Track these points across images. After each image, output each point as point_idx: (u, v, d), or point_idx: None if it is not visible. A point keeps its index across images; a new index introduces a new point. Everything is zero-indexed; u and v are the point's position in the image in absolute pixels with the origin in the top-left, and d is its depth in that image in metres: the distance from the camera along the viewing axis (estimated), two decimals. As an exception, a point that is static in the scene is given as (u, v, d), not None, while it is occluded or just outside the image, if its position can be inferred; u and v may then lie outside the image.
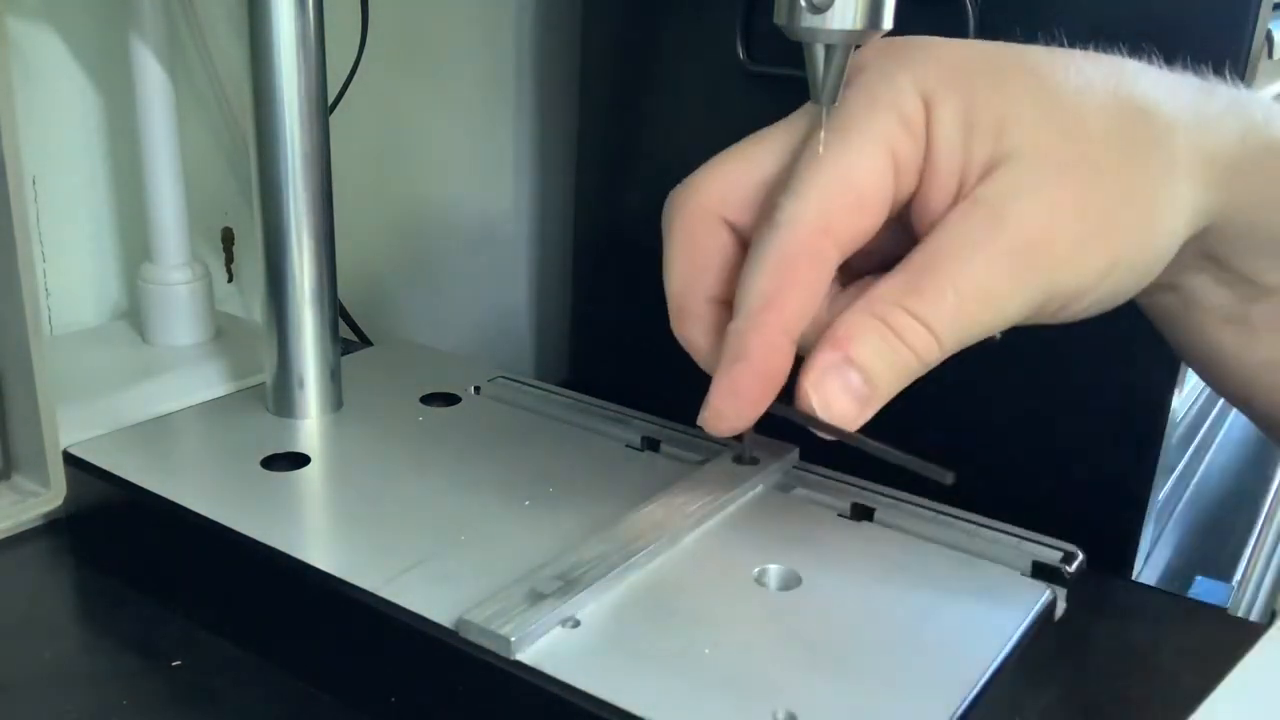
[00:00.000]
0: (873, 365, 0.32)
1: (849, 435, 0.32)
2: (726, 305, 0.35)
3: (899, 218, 0.34)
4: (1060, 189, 0.32)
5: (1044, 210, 0.32)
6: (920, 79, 0.33)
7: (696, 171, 0.37)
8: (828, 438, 0.33)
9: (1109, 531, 0.45)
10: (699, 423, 0.34)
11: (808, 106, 0.35)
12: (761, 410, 0.33)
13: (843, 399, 0.32)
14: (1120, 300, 0.34)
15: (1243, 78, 0.41)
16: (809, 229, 0.33)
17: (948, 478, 0.33)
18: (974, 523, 0.38)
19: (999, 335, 0.34)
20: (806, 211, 0.33)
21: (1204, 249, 0.36)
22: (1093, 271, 0.32)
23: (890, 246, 0.35)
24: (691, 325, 0.36)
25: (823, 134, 0.33)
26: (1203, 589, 0.53)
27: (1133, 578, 0.47)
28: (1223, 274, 0.37)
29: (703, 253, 0.36)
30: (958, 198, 0.33)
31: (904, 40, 0.34)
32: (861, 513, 0.39)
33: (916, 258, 0.33)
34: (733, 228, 0.36)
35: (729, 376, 0.33)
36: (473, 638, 0.32)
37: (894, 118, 0.33)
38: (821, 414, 0.32)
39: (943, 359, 0.33)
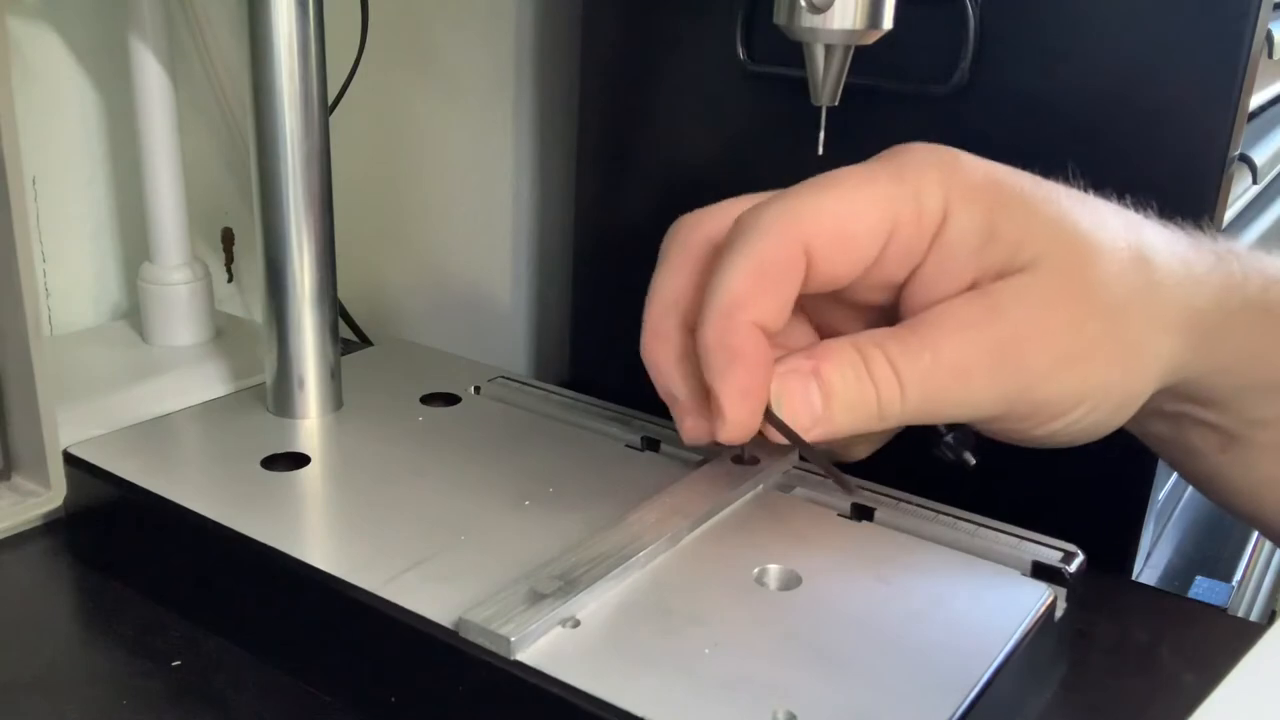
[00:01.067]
0: (835, 388, 0.33)
1: (787, 433, 0.33)
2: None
3: (879, 309, 0.36)
4: (1060, 308, 0.33)
5: (1039, 319, 0.33)
6: (948, 186, 0.34)
7: (710, 206, 0.37)
8: (773, 437, 0.34)
9: (1109, 531, 0.45)
10: (717, 438, 0.34)
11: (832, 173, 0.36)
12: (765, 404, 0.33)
13: (798, 402, 0.33)
14: (1099, 433, 0.35)
15: (1243, 77, 0.40)
16: (793, 241, 0.33)
17: (851, 489, 0.36)
18: (974, 523, 0.38)
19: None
20: (796, 224, 0.33)
21: (1187, 394, 0.37)
22: (1069, 392, 0.33)
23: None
24: (661, 348, 0.36)
25: (821, 134, 0.33)
26: (1203, 589, 0.53)
27: (1133, 578, 0.47)
28: (1210, 411, 0.38)
29: (692, 280, 0.36)
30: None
31: (945, 148, 0.35)
32: (861, 513, 0.39)
33: (911, 320, 0.34)
34: None
35: (731, 380, 0.33)
36: (473, 638, 0.32)
37: (911, 205, 0.33)
38: (773, 406, 0.33)
39: (900, 422, 0.33)
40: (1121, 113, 0.43)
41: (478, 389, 0.49)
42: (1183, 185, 0.42)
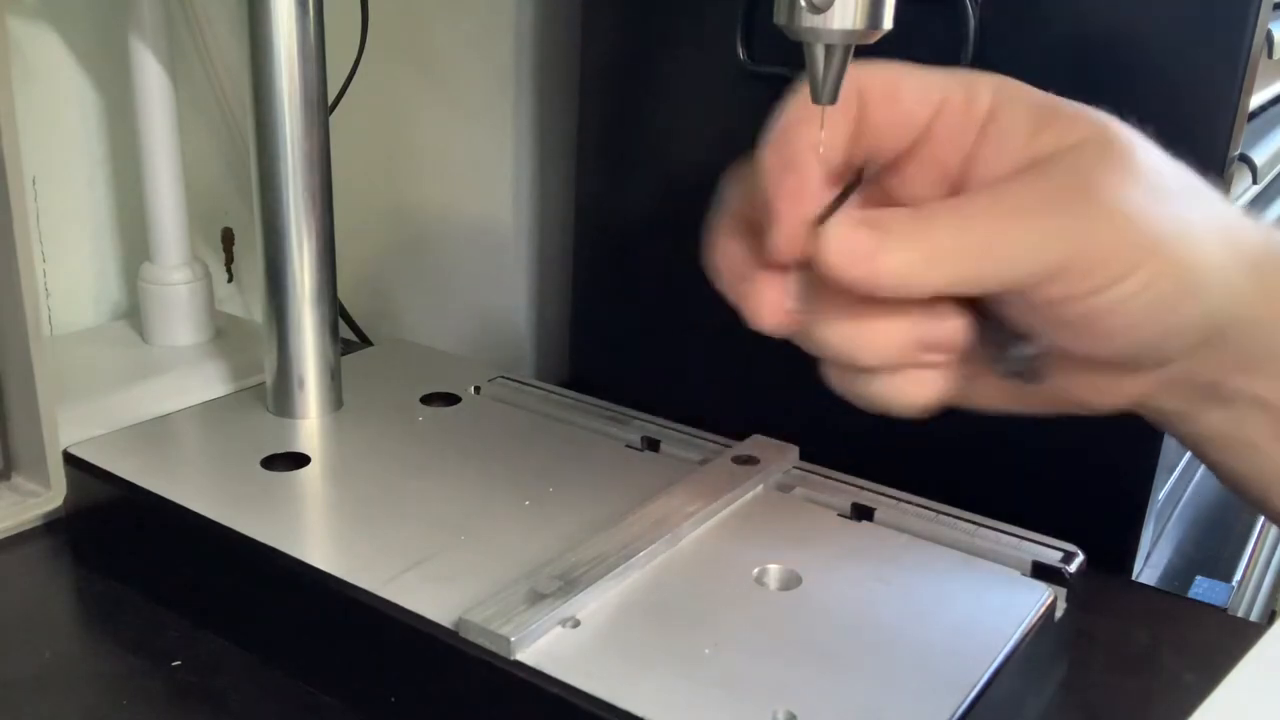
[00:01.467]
0: (890, 224, 0.31)
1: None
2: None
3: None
4: (1116, 167, 0.32)
5: (1097, 170, 0.32)
6: (998, 86, 0.34)
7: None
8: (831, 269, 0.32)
9: (1109, 531, 0.45)
10: (771, 253, 0.34)
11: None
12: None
13: (846, 232, 0.31)
14: (1159, 324, 0.33)
15: (1243, 77, 0.40)
16: (847, 80, 0.33)
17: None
18: (974, 523, 0.38)
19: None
20: (852, 71, 0.33)
21: (1244, 354, 0.36)
22: (1131, 240, 0.32)
23: None
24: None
25: (821, 134, 0.33)
26: (1203, 589, 0.53)
27: (1133, 578, 0.47)
28: (1269, 382, 0.36)
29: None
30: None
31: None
32: (861, 513, 0.39)
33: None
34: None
35: (786, 185, 0.34)
36: (473, 638, 0.32)
37: (961, 91, 0.34)
38: (830, 249, 0.31)
39: (958, 270, 0.32)
40: (1121, 113, 0.43)
41: (478, 389, 0.49)
42: (1183, 185, 0.42)
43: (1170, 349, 0.35)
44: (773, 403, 0.47)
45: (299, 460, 0.43)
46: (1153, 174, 0.33)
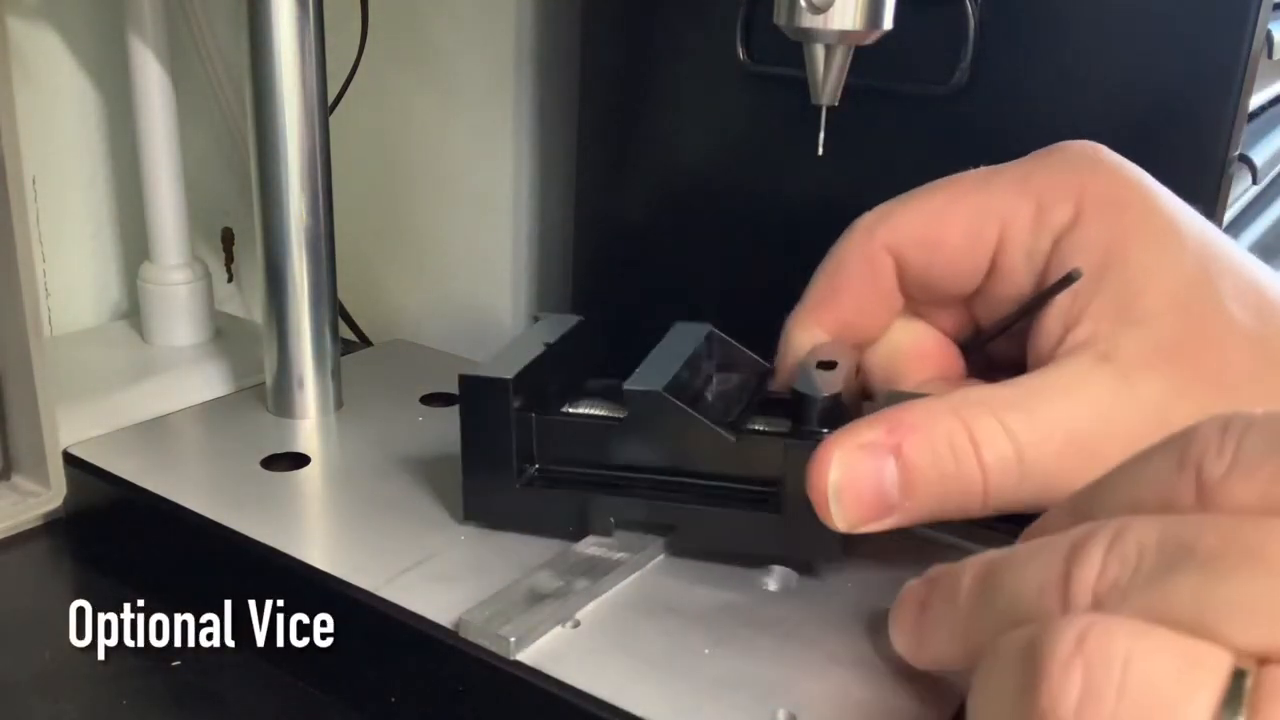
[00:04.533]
0: (920, 469, 0.27)
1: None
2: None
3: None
4: (1192, 394, 0.28)
5: (1166, 393, 0.28)
6: (1081, 191, 0.31)
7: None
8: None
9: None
10: None
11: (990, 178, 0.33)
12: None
13: (865, 487, 0.28)
14: None
15: (1243, 78, 0.40)
16: (870, 244, 0.32)
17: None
18: (974, 523, 0.38)
19: None
20: (878, 227, 0.32)
21: None
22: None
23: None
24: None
25: (821, 134, 0.33)
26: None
27: (1133, 578, 0.47)
28: None
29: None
30: (1071, 321, 0.30)
31: (1093, 147, 0.33)
32: (861, 513, 0.39)
33: (1023, 379, 0.29)
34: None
35: (779, 366, 0.35)
36: (473, 638, 0.32)
37: (1027, 208, 0.31)
38: (830, 496, 0.28)
39: (1007, 506, 0.28)
40: (1121, 113, 0.43)
41: (478, 389, 0.49)
42: (1183, 186, 0.42)
43: None
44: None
45: (299, 460, 0.43)
46: (1224, 375, 0.28)
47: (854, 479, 0.28)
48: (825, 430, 0.31)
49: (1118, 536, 0.20)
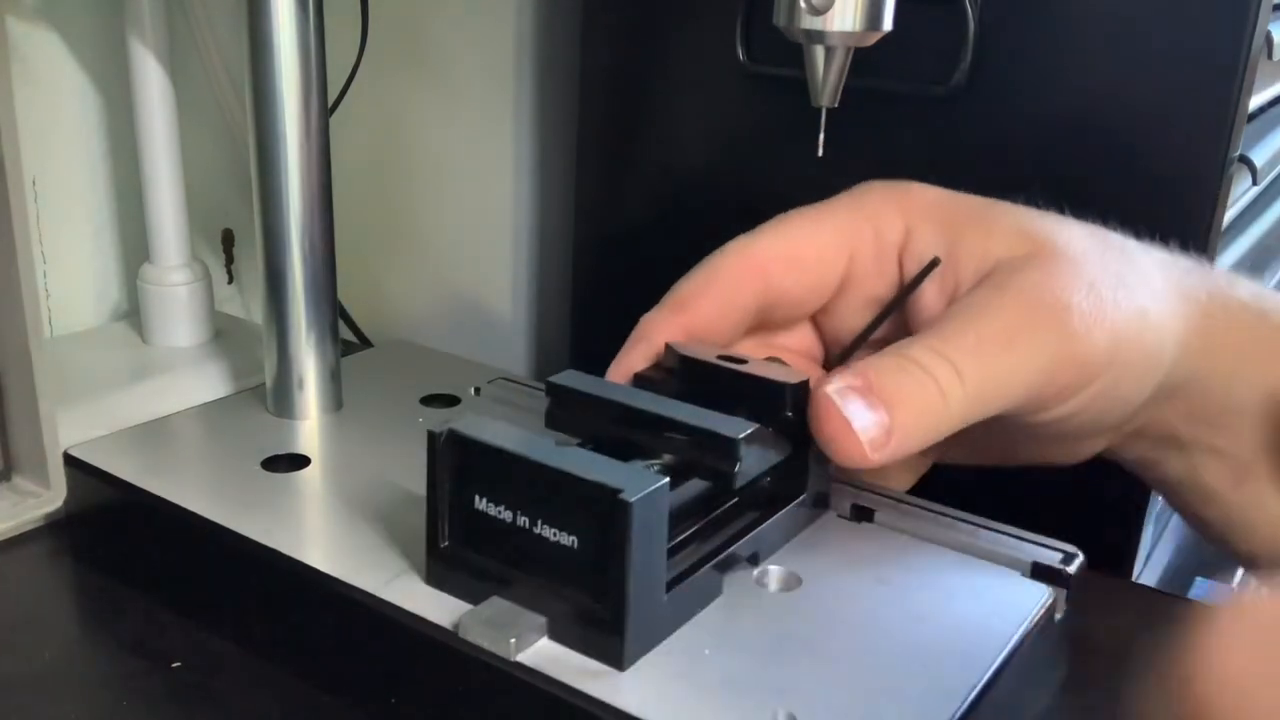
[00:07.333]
0: (894, 392, 0.32)
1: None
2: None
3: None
4: (1063, 275, 0.34)
5: (1051, 284, 0.34)
6: (905, 209, 0.37)
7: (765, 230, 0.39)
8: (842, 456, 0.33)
9: (1109, 531, 0.45)
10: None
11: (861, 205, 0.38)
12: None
13: (867, 420, 0.32)
14: (1129, 405, 0.36)
15: (1243, 78, 0.41)
16: (745, 260, 0.36)
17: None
18: (974, 523, 0.38)
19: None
20: (750, 246, 0.37)
21: (1196, 406, 0.37)
22: (1099, 350, 0.34)
23: None
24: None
25: (821, 135, 0.34)
26: (1203, 589, 0.53)
27: (1133, 578, 0.47)
28: (1221, 436, 0.38)
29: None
30: (949, 292, 0.36)
31: (899, 182, 0.38)
32: (861, 513, 0.39)
33: (932, 320, 0.35)
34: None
35: (627, 354, 0.37)
36: (473, 638, 0.32)
37: (868, 228, 0.37)
38: (826, 440, 0.32)
39: (963, 413, 0.33)
40: (1121, 113, 0.43)
41: (478, 390, 0.49)
42: (1183, 186, 0.42)
43: (1132, 414, 0.36)
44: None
45: (299, 461, 0.43)
46: (1104, 273, 0.35)
47: (855, 413, 0.32)
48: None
49: None
